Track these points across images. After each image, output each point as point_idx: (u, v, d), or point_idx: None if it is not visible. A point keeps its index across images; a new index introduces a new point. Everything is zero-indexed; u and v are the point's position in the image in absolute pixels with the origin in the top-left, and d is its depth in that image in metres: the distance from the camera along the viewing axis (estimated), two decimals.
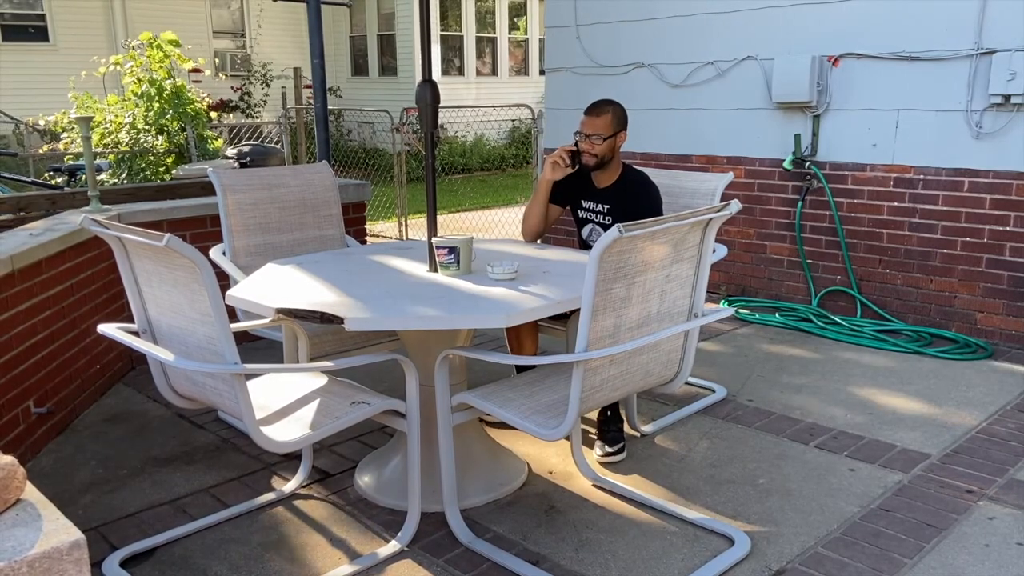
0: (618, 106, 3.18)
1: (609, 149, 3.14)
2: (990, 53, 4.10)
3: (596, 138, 3.12)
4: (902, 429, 3.29)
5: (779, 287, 5.13)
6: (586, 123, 3.14)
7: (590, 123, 3.14)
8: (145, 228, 2.64)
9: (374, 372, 3.71)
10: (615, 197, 3.22)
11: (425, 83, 2.85)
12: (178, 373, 2.43)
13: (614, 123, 3.13)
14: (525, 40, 17.05)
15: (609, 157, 3.16)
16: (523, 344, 3.24)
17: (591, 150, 3.13)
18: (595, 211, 3.28)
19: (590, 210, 3.29)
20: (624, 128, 3.18)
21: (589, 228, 3.31)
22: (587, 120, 3.14)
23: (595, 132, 3.12)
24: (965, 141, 4.27)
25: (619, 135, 3.16)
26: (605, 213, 3.24)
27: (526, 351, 3.22)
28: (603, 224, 3.25)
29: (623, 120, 3.17)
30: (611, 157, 3.17)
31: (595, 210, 3.27)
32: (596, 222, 3.28)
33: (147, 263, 2.27)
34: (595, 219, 3.28)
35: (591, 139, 3.12)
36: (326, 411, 2.44)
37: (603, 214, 3.25)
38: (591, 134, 3.13)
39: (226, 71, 14.51)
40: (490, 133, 14.51)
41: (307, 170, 3.79)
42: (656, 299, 2.36)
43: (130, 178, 7.77)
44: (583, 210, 3.32)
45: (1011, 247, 4.20)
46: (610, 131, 3.12)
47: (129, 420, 3.51)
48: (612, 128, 3.13)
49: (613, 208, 3.22)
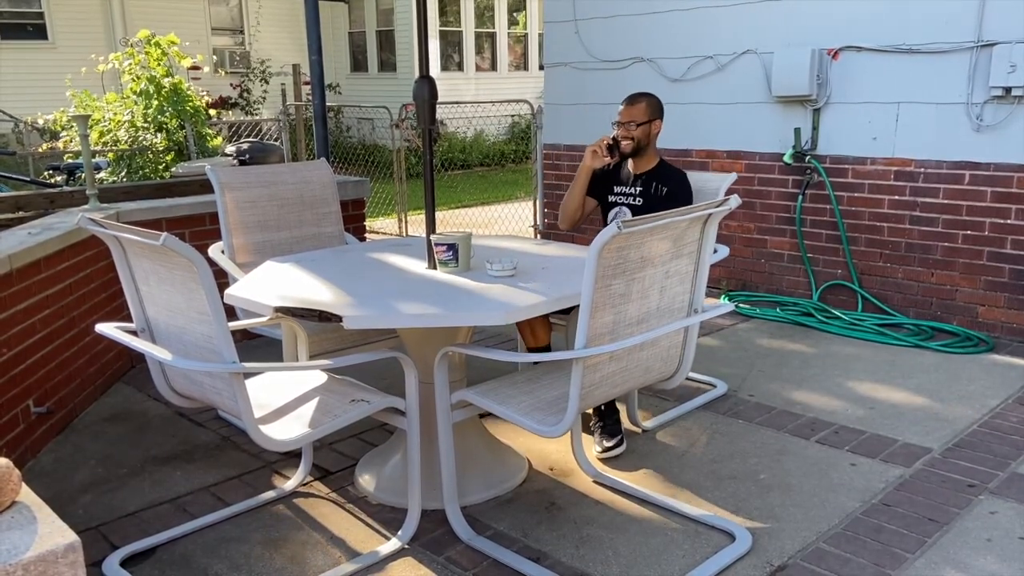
0: (654, 97, 3.33)
1: (645, 135, 3.27)
2: (990, 45, 4.08)
3: (632, 124, 3.26)
4: (903, 423, 3.28)
5: (780, 282, 5.12)
6: (623, 112, 3.29)
7: (627, 111, 3.29)
8: (144, 226, 2.63)
9: (374, 369, 3.70)
10: (648, 183, 3.33)
11: (423, 79, 2.84)
12: (177, 372, 2.43)
13: (649, 111, 3.28)
14: (524, 35, 17.01)
15: (645, 142, 3.29)
16: (537, 334, 3.21)
17: (628, 135, 3.27)
18: (626, 194, 3.37)
19: (621, 193, 3.39)
20: (660, 117, 3.31)
21: (615, 211, 3.39)
22: (624, 109, 3.30)
23: (631, 119, 3.27)
24: (966, 134, 4.25)
25: (655, 122, 3.30)
26: (636, 195, 3.35)
27: (541, 342, 3.21)
28: (632, 205, 3.35)
29: (659, 109, 3.31)
30: (647, 143, 3.30)
31: (626, 193, 3.38)
32: (625, 203, 3.37)
33: (145, 262, 2.27)
34: (624, 201, 3.37)
35: (627, 126, 3.27)
36: (325, 409, 2.43)
37: (634, 196, 3.35)
38: (627, 121, 3.27)
39: (225, 68, 14.48)
40: (490, 129, 14.48)
41: (306, 167, 3.78)
42: (656, 295, 2.35)
43: (129, 176, 7.76)
44: (614, 195, 3.41)
45: (1012, 240, 4.19)
46: (645, 117, 3.27)
47: (129, 419, 3.50)
48: (647, 115, 3.28)
49: (645, 192, 3.33)
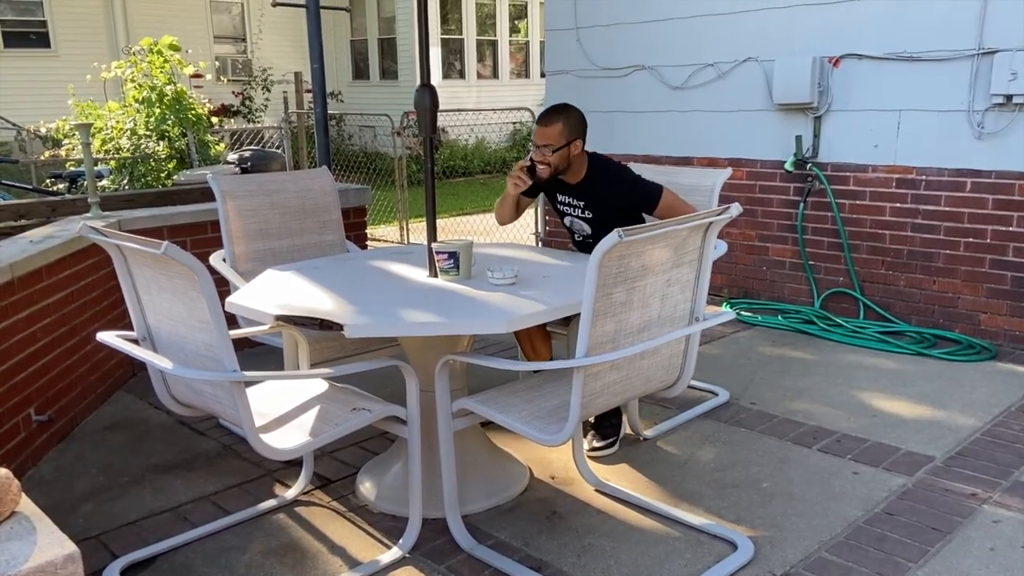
0: (572, 113, 3.07)
1: (563, 160, 3.05)
2: (991, 53, 4.09)
3: (547, 149, 3.03)
4: (906, 431, 3.27)
5: (781, 289, 5.11)
6: (537, 133, 3.06)
7: (540, 133, 3.04)
8: (145, 234, 2.63)
9: (374, 377, 3.70)
10: (588, 192, 3.16)
11: (424, 88, 2.84)
12: (178, 381, 2.42)
13: (566, 132, 3.03)
14: (526, 43, 17.06)
15: (565, 166, 3.08)
16: (538, 350, 3.21)
17: (543, 160, 3.05)
18: (572, 205, 3.24)
19: (567, 204, 3.26)
20: (580, 136, 3.07)
21: (569, 219, 3.29)
22: (537, 130, 3.06)
23: (545, 143, 3.03)
24: (967, 141, 4.25)
25: (573, 144, 3.05)
26: (583, 207, 3.20)
27: (541, 356, 3.20)
28: (583, 217, 3.23)
29: (577, 128, 3.06)
30: (567, 166, 3.09)
31: (572, 204, 3.23)
32: (575, 216, 3.25)
33: (146, 270, 2.27)
34: (573, 212, 3.25)
35: (542, 150, 3.04)
36: (326, 418, 2.43)
37: (580, 208, 3.21)
38: (541, 144, 3.04)
39: (227, 76, 14.53)
40: (491, 136, 14.51)
41: (307, 175, 3.78)
42: (657, 303, 2.35)
43: (131, 184, 7.78)
44: (560, 204, 3.29)
45: (1014, 247, 4.18)
46: (561, 141, 3.02)
47: (130, 427, 3.50)
48: (564, 138, 3.02)
49: (590, 204, 3.18)
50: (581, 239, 3.31)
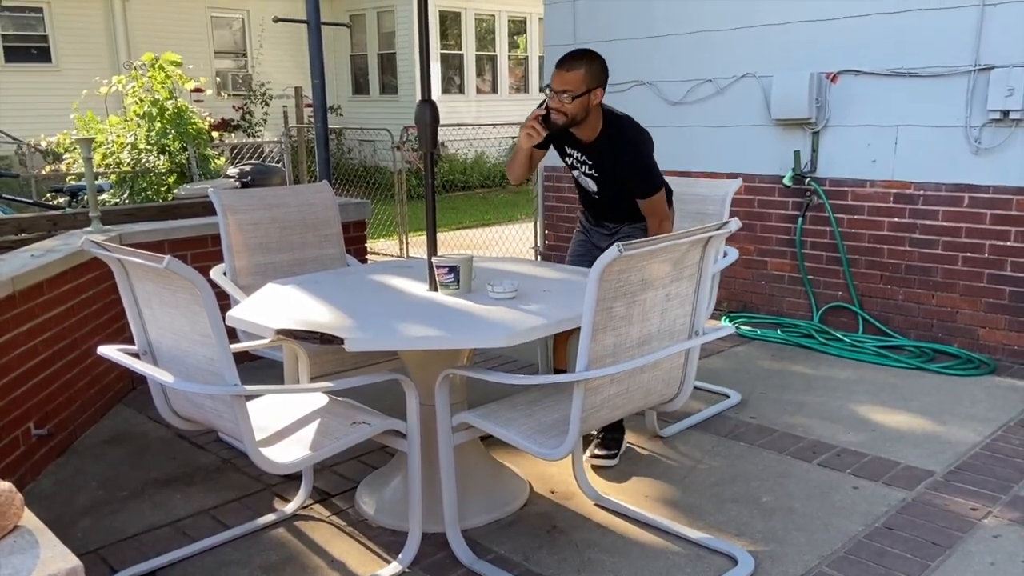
0: (596, 59, 2.88)
1: (582, 108, 2.86)
2: (988, 69, 4.12)
3: (566, 95, 2.82)
4: (905, 446, 3.27)
5: (780, 303, 5.12)
6: (556, 78, 2.84)
7: (559, 78, 2.82)
8: (146, 248, 2.64)
9: (374, 390, 3.70)
10: (598, 154, 3.01)
11: (424, 103, 2.86)
12: (178, 394, 2.43)
13: (588, 78, 2.82)
14: (525, 58, 17.15)
15: (583, 116, 2.89)
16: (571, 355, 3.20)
17: (561, 108, 2.84)
18: (580, 160, 3.10)
19: (575, 158, 3.12)
20: (602, 85, 2.88)
21: (577, 173, 3.18)
22: (557, 75, 2.83)
23: (564, 88, 2.81)
24: (964, 157, 4.28)
25: (594, 92, 2.85)
26: (591, 166, 3.06)
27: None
28: (589, 175, 3.11)
29: (600, 75, 2.87)
30: (585, 115, 2.89)
31: (580, 160, 3.10)
32: (582, 172, 3.13)
33: (147, 284, 2.27)
34: (581, 168, 3.12)
35: (560, 96, 2.83)
36: (326, 432, 2.43)
37: (588, 166, 3.08)
38: (560, 90, 2.82)
39: (228, 90, 14.59)
40: (490, 150, 14.56)
41: (307, 190, 3.80)
42: (656, 318, 2.35)
43: (132, 198, 7.80)
44: (569, 156, 3.14)
45: (1012, 262, 4.20)
46: (582, 88, 2.81)
47: (129, 441, 3.50)
48: (585, 85, 2.82)
49: (597, 164, 3.02)
50: (588, 198, 3.26)
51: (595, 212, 3.33)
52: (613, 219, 3.28)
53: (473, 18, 15.98)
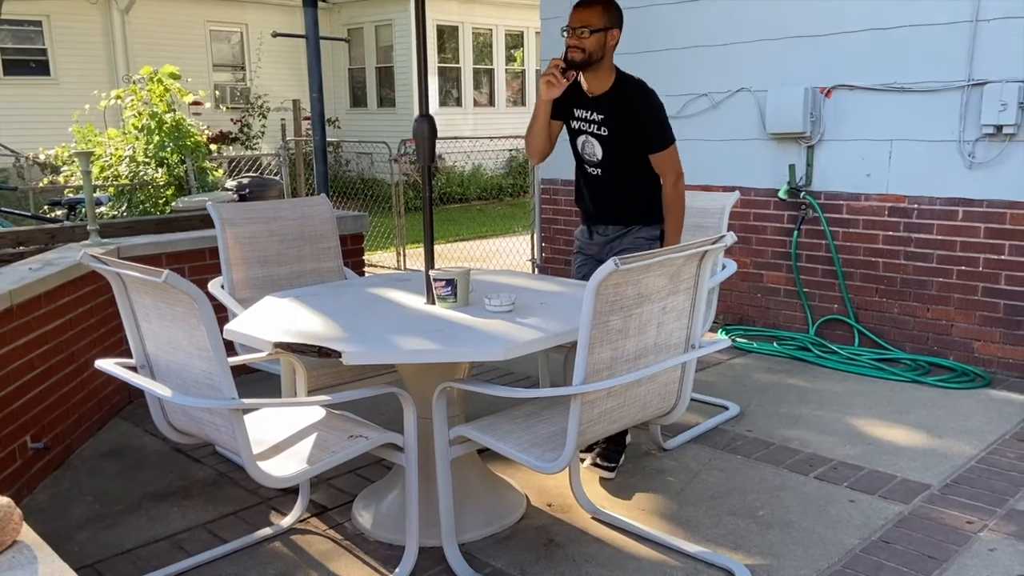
0: (612, 1, 2.94)
1: (598, 45, 2.88)
2: (981, 84, 4.15)
3: (583, 30, 2.85)
4: (902, 459, 3.28)
5: (776, 316, 5.14)
6: (574, 15, 2.88)
7: (578, 15, 2.88)
8: (144, 261, 2.65)
9: (371, 403, 3.70)
10: (609, 106, 2.99)
11: (423, 118, 2.88)
12: (176, 408, 2.43)
13: (605, 16, 2.88)
14: (522, 71, 17.23)
15: (599, 55, 2.91)
16: None
17: (579, 44, 2.87)
18: (588, 120, 3.03)
19: (583, 119, 3.05)
20: (618, 26, 2.93)
21: (582, 140, 3.09)
22: (574, 12, 2.88)
23: (583, 24, 2.85)
24: (958, 171, 4.30)
25: (611, 31, 2.90)
26: (599, 123, 3.00)
27: None
28: (597, 135, 3.02)
29: (618, 17, 2.93)
30: (601, 56, 2.91)
31: (588, 119, 3.03)
32: (589, 132, 3.05)
33: (146, 298, 2.28)
34: (588, 129, 3.05)
35: (578, 32, 2.87)
36: (323, 445, 2.43)
37: (596, 124, 3.01)
38: (578, 26, 2.87)
39: (226, 103, 14.64)
40: (488, 163, 14.61)
41: (305, 203, 3.81)
42: (653, 331, 2.37)
43: (130, 210, 7.81)
44: (576, 120, 3.08)
45: (1006, 275, 4.22)
46: (600, 24, 2.86)
47: (126, 455, 3.49)
48: (603, 21, 2.86)
49: (608, 119, 2.99)
50: (588, 183, 3.19)
51: (595, 200, 3.20)
52: (614, 207, 3.16)
53: (470, 32, 16.06)
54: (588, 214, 3.30)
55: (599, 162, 3.12)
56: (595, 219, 3.27)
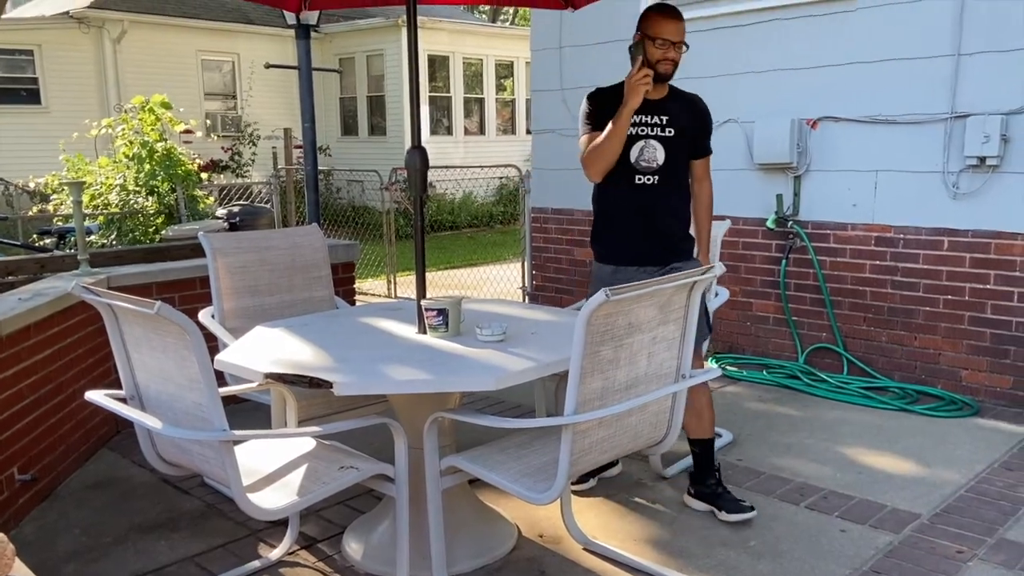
0: None
1: (680, 59, 2.97)
2: (964, 117, 4.23)
3: (679, 47, 2.92)
4: (892, 488, 3.29)
5: (766, 344, 5.16)
6: (671, 27, 2.90)
7: (677, 26, 2.90)
8: (134, 291, 2.67)
9: (361, 432, 3.68)
10: (672, 109, 3.03)
11: (415, 149, 2.91)
12: (165, 439, 2.42)
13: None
14: (512, 100, 17.38)
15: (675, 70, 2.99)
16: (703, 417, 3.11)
17: (675, 58, 2.92)
18: (649, 124, 3.00)
19: (643, 123, 2.99)
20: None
21: (640, 145, 3.00)
22: (671, 24, 2.90)
23: (680, 38, 2.91)
24: (943, 201, 4.36)
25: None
26: (664, 125, 3.00)
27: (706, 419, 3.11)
28: (661, 137, 3.00)
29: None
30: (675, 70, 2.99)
31: (650, 123, 3.00)
32: (651, 135, 3.00)
33: (137, 329, 2.28)
34: (651, 132, 3.00)
35: (677, 45, 2.91)
36: (314, 476, 2.42)
37: (661, 126, 3.00)
38: (677, 40, 2.90)
39: (217, 132, 14.69)
40: (478, 190, 14.68)
41: (297, 233, 3.83)
42: (644, 361, 2.38)
43: (119, 239, 7.80)
44: (634, 125, 2.97)
45: (992, 305, 4.26)
46: (684, 39, 2.96)
47: (113, 486, 3.46)
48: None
49: (672, 120, 3.01)
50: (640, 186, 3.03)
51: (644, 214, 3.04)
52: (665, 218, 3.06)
53: (461, 62, 16.22)
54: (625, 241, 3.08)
55: (658, 168, 3.03)
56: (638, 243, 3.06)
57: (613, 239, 3.12)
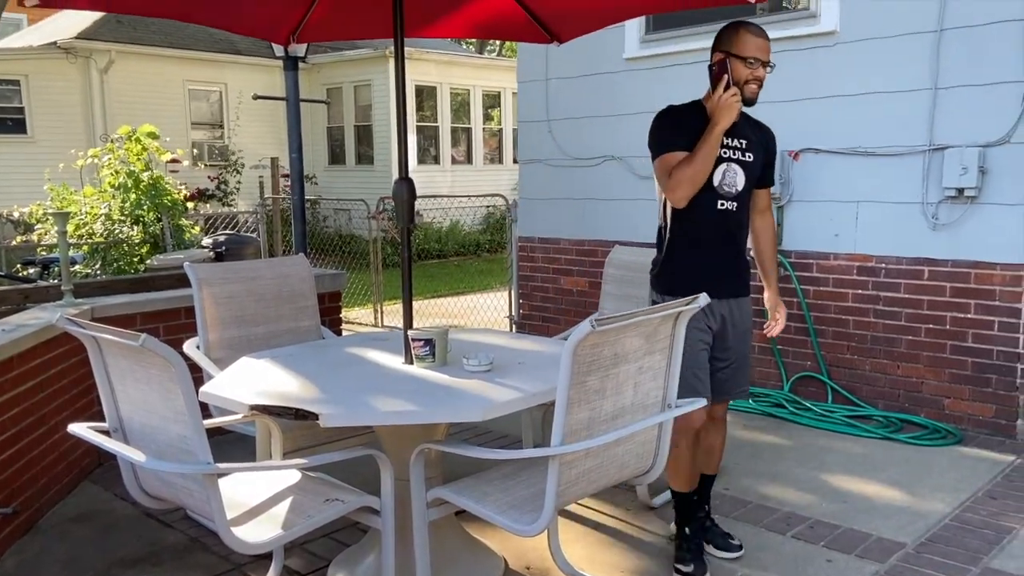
0: None
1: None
2: (942, 149, 4.30)
3: (770, 65, 2.73)
4: (877, 517, 3.30)
5: (751, 373, 5.17)
6: (760, 47, 2.70)
7: (767, 48, 2.71)
8: (118, 321, 2.65)
9: (346, 463, 3.66)
10: (748, 133, 2.90)
11: (402, 180, 2.94)
12: (148, 472, 2.40)
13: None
14: (499, 130, 17.52)
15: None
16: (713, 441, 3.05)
17: (763, 78, 2.74)
18: (732, 147, 2.84)
19: (727, 146, 2.83)
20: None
21: (723, 168, 2.82)
22: (760, 43, 2.70)
23: (768, 58, 2.72)
24: (922, 232, 4.43)
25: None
26: (744, 149, 2.87)
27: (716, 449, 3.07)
28: (742, 161, 2.85)
29: None
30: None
31: (732, 145, 2.84)
32: (734, 159, 2.84)
33: (121, 361, 2.27)
34: (733, 156, 2.84)
35: (767, 67, 2.73)
36: (299, 509, 2.41)
37: (742, 150, 2.86)
38: (769, 61, 2.72)
39: (204, 161, 14.71)
40: (465, 219, 14.74)
41: (284, 263, 3.83)
42: (630, 391, 2.39)
43: (104, 268, 7.76)
44: (719, 147, 2.80)
45: (973, 334, 4.31)
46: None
47: (95, 519, 3.41)
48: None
49: (750, 145, 2.88)
50: (721, 211, 2.84)
51: (724, 241, 2.89)
52: (741, 244, 2.94)
53: (448, 92, 16.35)
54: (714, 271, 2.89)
55: (737, 194, 2.87)
56: (727, 272, 2.91)
57: (698, 268, 2.87)
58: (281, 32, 3.80)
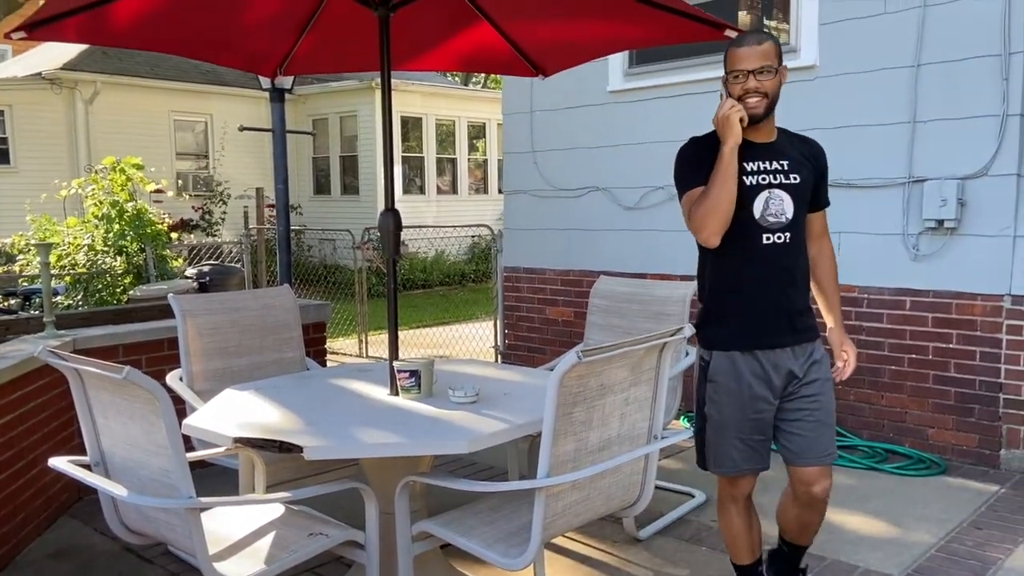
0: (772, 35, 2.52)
1: (776, 90, 2.41)
2: (921, 181, 4.37)
3: (765, 74, 2.35)
4: (864, 549, 3.29)
5: None
6: (747, 56, 2.36)
7: (755, 54, 2.36)
8: (101, 353, 2.62)
9: (330, 495, 3.62)
10: (789, 151, 2.49)
11: (388, 212, 2.95)
12: (129, 508, 2.36)
13: (778, 51, 2.41)
14: (484, 160, 17.63)
15: (775, 100, 2.43)
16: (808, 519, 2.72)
17: (760, 88, 2.36)
18: (769, 171, 2.45)
19: (762, 171, 2.44)
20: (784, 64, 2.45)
21: (763, 197, 2.43)
22: (747, 52, 2.37)
23: (763, 64, 2.35)
24: (904, 263, 4.48)
25: (783, 70, 2.43)
26: (786, 171, 2.45)
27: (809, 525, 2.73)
28: (787, 185, 2.44)
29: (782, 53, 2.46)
30: (776, 99, 2.44)
31: (770, 170, 2.45)
32: (776, 184, 2.44)
33: (104, 394, 2.25)
34: (774, 180, 2.44)
35: (760, 76, 2.36)
36: (282, 543, 2.38)
37: (784, 172, 2.45)
38: (759, 68, 2.35)
39: (188, 191, 14.68)
40: (451, 249, 14.76)
41: (268, 294, 3.82)
42: (616, 422, 2.39)
43: (86, 299, 7.69)
44: (750, 174, 2.44)
45: (955, 364, 4.34)
46: (777, 61, 2.39)
47: (74, 555, 3.35)
48: (778, 58, 2.40)
49: (793, 164, 2.46)
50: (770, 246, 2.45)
51: (777, 286, 2.47)
52: (799, 287, 2.52)
53: (434, 122, 16.46)
54: (762, 318, 2.48)
55: (787, 223, 2.46)
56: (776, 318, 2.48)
57: (745, 315, 2.49)
58: (268, 65, 3.83)
